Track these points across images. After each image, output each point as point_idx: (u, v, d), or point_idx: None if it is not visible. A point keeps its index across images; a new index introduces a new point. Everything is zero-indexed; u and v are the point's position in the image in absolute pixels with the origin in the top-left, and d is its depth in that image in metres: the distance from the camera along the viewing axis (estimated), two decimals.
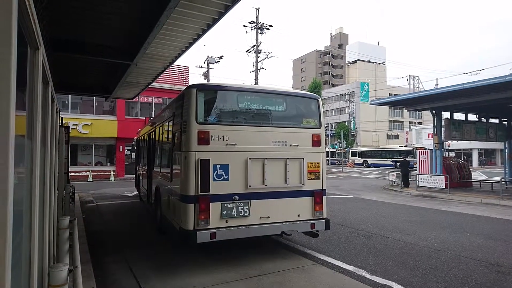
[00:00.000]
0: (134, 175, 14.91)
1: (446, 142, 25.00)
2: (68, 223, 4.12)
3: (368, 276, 4.86)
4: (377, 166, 41.45)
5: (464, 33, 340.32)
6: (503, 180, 14.63)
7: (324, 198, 5.82)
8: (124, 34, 6.03)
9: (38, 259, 2.30)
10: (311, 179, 5.72)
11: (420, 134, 45.99)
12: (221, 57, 29.16)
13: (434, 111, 16.39)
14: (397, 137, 61.43)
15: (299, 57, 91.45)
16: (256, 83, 26.95)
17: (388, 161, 39.89)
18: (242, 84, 7.07)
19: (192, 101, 5.06)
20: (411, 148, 36.93)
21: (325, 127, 6.35)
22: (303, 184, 5.63)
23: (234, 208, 5.07)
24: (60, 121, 8.50)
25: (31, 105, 2.06)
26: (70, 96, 21.61)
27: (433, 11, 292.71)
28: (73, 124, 21.11)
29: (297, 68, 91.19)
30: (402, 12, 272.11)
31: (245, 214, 5.12)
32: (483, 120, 17.70)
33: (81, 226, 7.35)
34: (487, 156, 47.74)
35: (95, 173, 22.74)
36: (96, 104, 23.53)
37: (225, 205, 5.02)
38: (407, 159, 18.00)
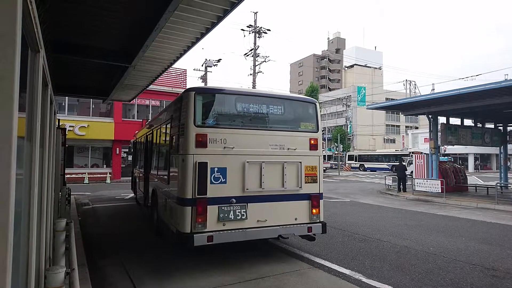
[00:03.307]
0: (130, 178, 14.86)
1: (442, 147, 25.15)
2: (64, 225, 4.10)
3: (364, 279, 4.88)
4: (373, 170, 41.58)
5: (462, 39, 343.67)
6: (498, 185, 14.73)
7: (321, 201, 5.84)
8: (123, 36, 6.04)
9: (35, 261, 2.29)
10: (308, 182, 5.74)
11: (417, 139, 46.20)
12: (219, 61, 29.26)
13: (430, 116, 16.50)
14: (393, 141, 61.67)
15: (296, 61, 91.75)
16: (254, 86, 27.01)
17: (384, 165, 40.04)
18: (240, 87, 7.09)
19: (190, 104, 5.08)
20: (407, 153, 37.10)
21: (322, 131, 6.39)
22: (300, 187, 5.64)
23: (231, 211, 5.07)
24: (57, 122, 8.48)
25: (31, 107, 2.06)
26: (67, 98, 21.51)
27: (431, 17, 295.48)
28: (70, 126, 21.01)
29: (294, 72, 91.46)
30: (399, 17, 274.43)
31: (242, 217, 5.12)
32: (479, 125, 17.83)
33: (77, 229, 7.30)
34: (482, 161, 48.05)
35: (91, 175, 22.62)
36: (93, 106, 23.43)
37: (222, 208, 5.02)
38: (403, 163, 17.99)
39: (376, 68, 74.59)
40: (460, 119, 17.36)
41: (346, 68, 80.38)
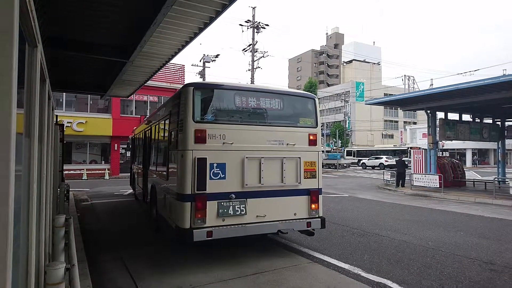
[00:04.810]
0: (129, 174, 14.85)
1: (440, 142, 25.21)
2: (63, 221, 4.10)
3: (363, 274, 4.90)
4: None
5: (461, 33, 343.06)
6: (496, 179, 14.79)
7: (320, 197, 5.86)
8: (120, 32, 5.99)
9: (35, 257, 2.29)
10: (307, 178, 5.75)
11: (415, 134, 46.30)
12: (217, 56, 29.09)
13: (428, 111, 16.51)
14: (391, 136, 61.78)
15: (295, 56, 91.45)
16: (252, 82, 26.93)
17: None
18: (239, 83, 7.06)
19: (189, 99, 5.06)
20: (406, 148, 37.20)
21: (320, 126, 6.40)
22: (299, 183, 5.65)
23: (231, 206, 5.08)
24: (55, 119, 8.44)
25: (29, 103, 2.05)
26: (64, 93, 21.42)
27: (430, 11, 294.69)
28: (68, 122, 20.94)
29: (293, 67, 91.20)
30: (398, 12, 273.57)
31: (242, 212, 5.13)
32: (477, 120, 17.86)
33: (76, 225, 7.31)
34: (480, 156, 48.22)
35: (90, 172, 22.59)
36: (91, 102, 23.35)
37: (222, 203, 5.02)
38: (402, 158, 18.03)
39: (374, 63, 74.48)
40: (458, 114, 17.38)
41: (345, 64, 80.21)
